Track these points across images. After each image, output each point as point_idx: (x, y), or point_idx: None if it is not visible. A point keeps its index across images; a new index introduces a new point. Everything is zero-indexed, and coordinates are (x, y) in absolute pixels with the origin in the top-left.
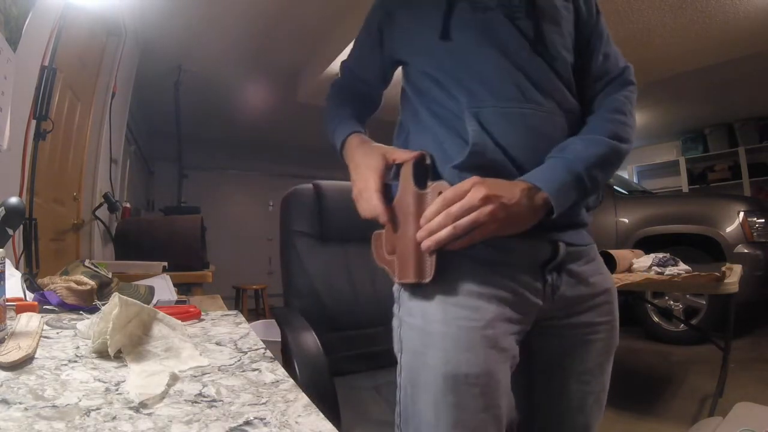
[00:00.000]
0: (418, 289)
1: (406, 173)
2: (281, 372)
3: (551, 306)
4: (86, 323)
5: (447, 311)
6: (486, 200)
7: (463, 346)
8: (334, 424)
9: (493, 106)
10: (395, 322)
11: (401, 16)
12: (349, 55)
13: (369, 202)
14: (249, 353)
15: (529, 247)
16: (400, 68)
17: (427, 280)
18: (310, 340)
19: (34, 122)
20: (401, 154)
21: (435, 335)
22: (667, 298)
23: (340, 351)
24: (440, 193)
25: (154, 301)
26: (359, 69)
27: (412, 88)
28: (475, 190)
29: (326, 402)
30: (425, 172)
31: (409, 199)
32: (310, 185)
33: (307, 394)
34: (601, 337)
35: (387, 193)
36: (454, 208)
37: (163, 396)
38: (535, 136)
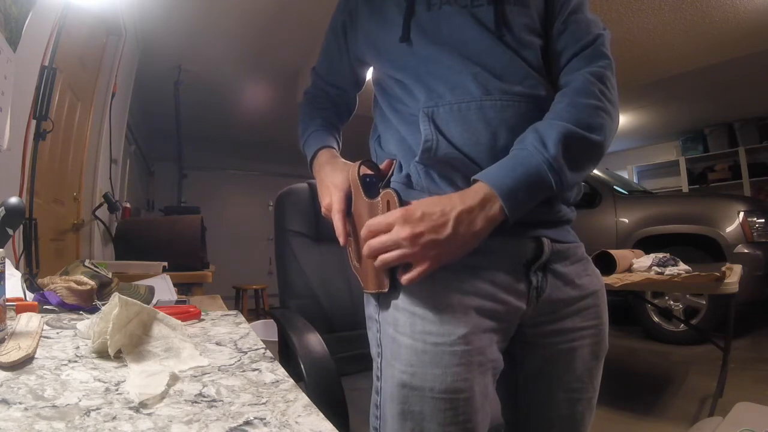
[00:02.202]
0: (391, 298)
1: (355, 184)
2: (281, 372)
3: (535, 310)
4: (86, 323)
5: (415, 324)
6: (412, 240)
7: (429, 361)
8: (343, 425)
9: (449, 104)
10: (374, 326)
11: (363, 16)
12: (318, 61)
13: (333, 222)
14: (249, 353)
15: (509, 246)
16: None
17: (385, 290)
18: (315, 341)
19: (34, 122)
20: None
21: (402, 347)
22: (667, 298)
23: (337, 352)
24: (388, 201)
25: (154, 301)
26: (329, 74)
27: (378, 88)
28: (398, 228)
29: (335, 403)
30: (378, 179)
31: (360, 209)
32: (305, 184)
33: (315, 396)
34: (587, 342)
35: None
36: (375, 242)
37: (163, 396)
38: (496, 130)
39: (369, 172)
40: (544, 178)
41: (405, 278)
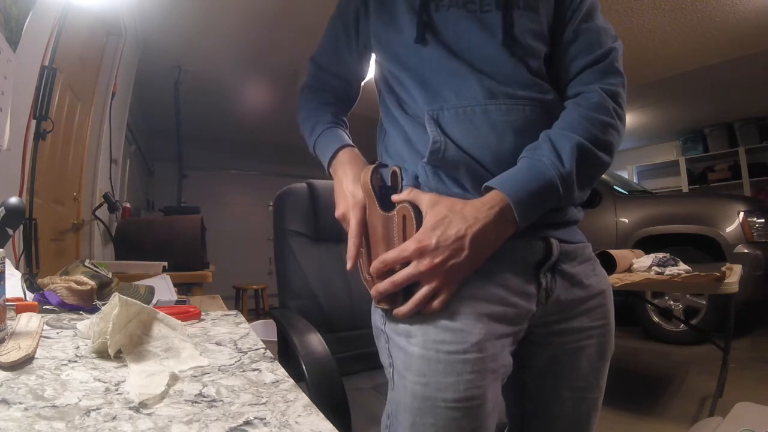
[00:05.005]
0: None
1: (369, 195)
2: (281, 372)
3: (544, 311)
4: (86, 323)
5: (427, 333)
6: (434, 272)
7: (442, 371)
8: (345, 425)
9: (454, 107)
10: (382, 336)
11: (372, 10)
12: (320, 51)
13: (348, 243)
14: (249, 353)
15: (519, 248)
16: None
17: (398, 306)
18: (317, 341)
19: (34, 122)
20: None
21: (414, 357)
22: (667, 298)
23: (337, 352)
24: (404, 216)
25: (154, 301)
26: (333, 64)
27: (384, 86)
28: (416, 263)
29: (337, 403)
30: (393, 189)
31: (375, 222)
32: (303, 184)
33: (316, 396)
34: (593, 342)
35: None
36: (399, 278)
37: (163, 396)
38: (502, 133)
39: (383, 180)
40: (556, 192)
41: (436, 304)
